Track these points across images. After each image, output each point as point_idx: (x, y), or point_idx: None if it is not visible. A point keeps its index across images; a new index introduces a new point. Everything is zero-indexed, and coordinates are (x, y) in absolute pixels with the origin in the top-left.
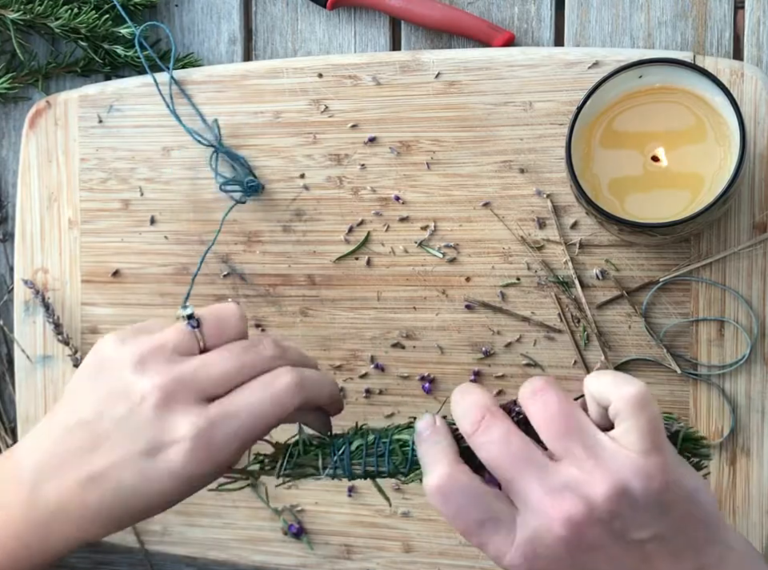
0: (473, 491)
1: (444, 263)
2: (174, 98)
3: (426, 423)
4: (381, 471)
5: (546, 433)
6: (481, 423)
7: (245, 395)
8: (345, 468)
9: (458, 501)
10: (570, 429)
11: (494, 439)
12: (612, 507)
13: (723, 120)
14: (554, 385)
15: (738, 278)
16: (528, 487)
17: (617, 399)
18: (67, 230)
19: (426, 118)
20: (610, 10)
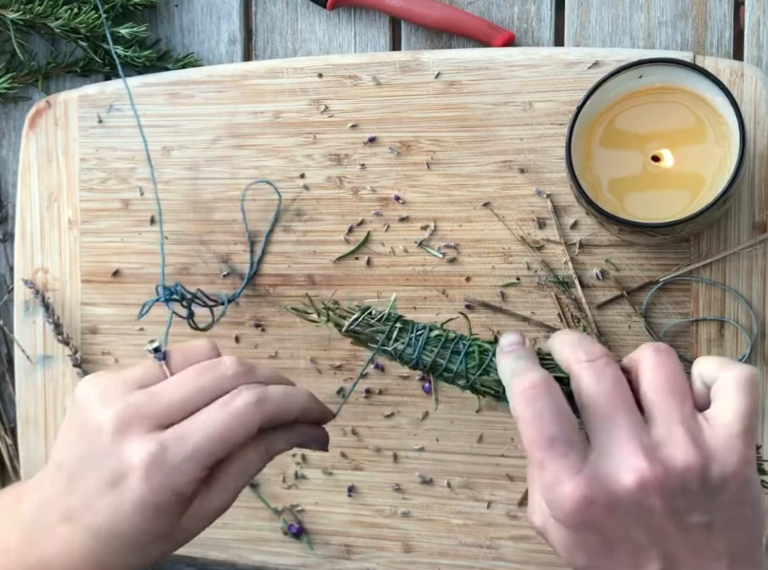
0: (560, 405)
1: (444, 263)
2: (174, 99)
3: (514, 338)
4: (449, 368)
5: (650, 383)
6: (601, 358)
7: (201, 417)
8: (416, 349)
9: (543, 408)
10: (677, 392)
11: (607, 375)
12: (686, 481)
13: (723, 120)
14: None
15: (737, 278)
16: (617, 432)
17: (725, 375)
18: (67, 230)
19: (425, 118)
20: (609, 10)
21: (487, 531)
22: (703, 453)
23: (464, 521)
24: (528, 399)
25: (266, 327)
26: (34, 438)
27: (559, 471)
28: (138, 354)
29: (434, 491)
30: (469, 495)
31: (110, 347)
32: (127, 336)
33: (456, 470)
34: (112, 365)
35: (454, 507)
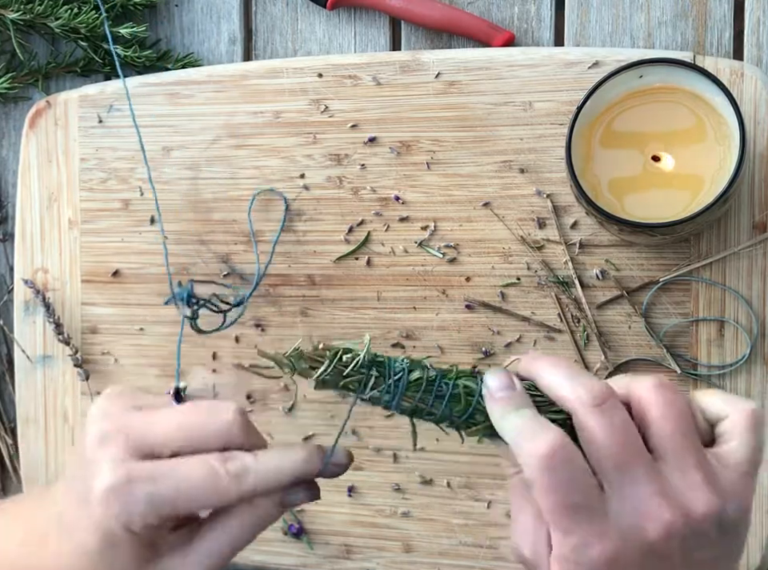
0: (580, 469)
1: (444, 263)
2: (174, 99)
3: (503, 381)
4: (432, 413)
5: (663, 429)
6: (608, 402)
7: (179, 465)
8: (395, 396)
9: (563, 475)
10: (688, 433)
11: (618, 421)
12: (703, 525)
13: (723, 120)
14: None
15: (737, 278)
16: (634, 482)
17: (735, 413)
18: (67, 230)
19: (425, 118)
20: (609, 9)
21: (487, 531)
22: (720, 496)
23: (464, 521)
24: (547, 468)
25: (266, 327)
26: (33, 438)
27: (586, 536)
28: (137, 354)
29: (434, 491)
30: (469, 495)
31: (110, 347)
32: (127, 336)
33: (456, 470)
34: (112, 365)
35: (454, 507)
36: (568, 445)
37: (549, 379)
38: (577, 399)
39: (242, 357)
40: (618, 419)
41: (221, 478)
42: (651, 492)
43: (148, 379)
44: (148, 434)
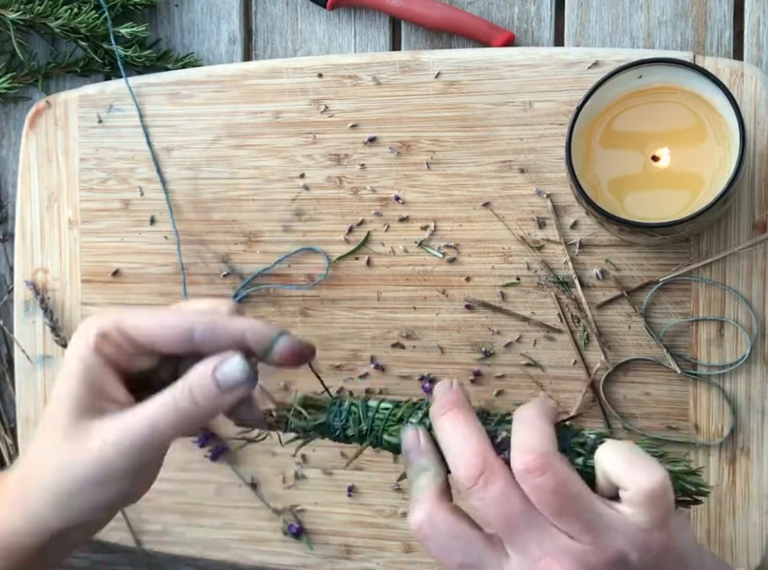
0: (456, 534)
1: (444, 263)
2: (174, 99)
3: (412, 440)
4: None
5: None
6: (479, 479)
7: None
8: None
9: (438, 542)
10: (567, 510)
11: (493, 497)
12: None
13: (723, 120)
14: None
15: (737, 278)
16: (525, 547)
17: (632, 490)
18: (67, 230)
19: (426, 118)
20: (609, 9)
21: None
22: (619, 547)
23: None
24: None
25: None
26: (34, 438)
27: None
28: None
29: None
30: None
31: None
32: None
33: None
34: None
35: None
36: (438, 513)
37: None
38: (457, 479)
39: None
40: (491, 496)
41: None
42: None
43: None
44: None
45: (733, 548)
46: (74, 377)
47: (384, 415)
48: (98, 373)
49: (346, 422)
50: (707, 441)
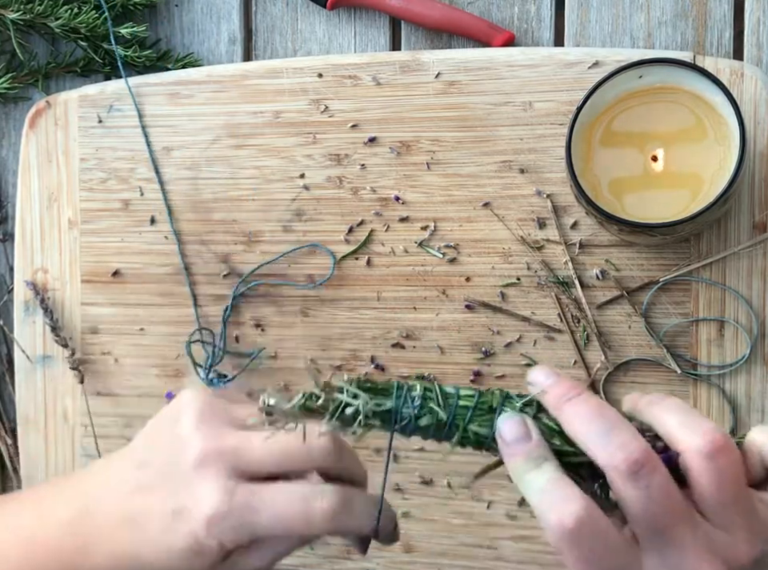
0: (609, 539)
1: (444, 263)
2: (174, 99)
3: (517, 431)
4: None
5: (713, 501)
6: (644, 467)
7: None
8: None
9: (589, 548)
10: (738, 500)
11: (656, 490)
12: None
13: (723, 120)
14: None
15: (737, 278)
16: (671, 544)
17: None
18: (67, 230)
19: (426, 118)
20: (609, 9)
21: (487, 532)
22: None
23: (464, 521)
24: (573, 542)
25: (266, 327)
26: (33, 438)
27: None
28: (137, 354)
29: (434, 491)
30: (469, 495)
31: (110, 347)
32: (127, 336)
33: (456, 470)
34: (112, 365)
35: (454, 507)
36: (593, 514)
37: (580, 431)
38: (612, 468)
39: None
40: (656, 485)
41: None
42: (691, 554)
43: (148, 379)
44: (246, 456)
45: None
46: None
47: (469, 403)
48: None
49: (420, 409)
50: None
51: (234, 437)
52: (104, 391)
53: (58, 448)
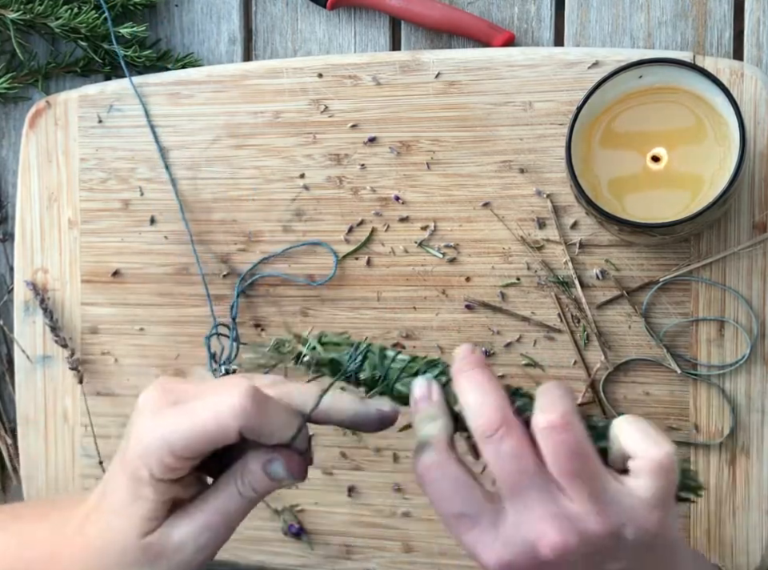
0: (461, 482)
1: (444, 263)
2: (174, 99)
3: (422, 391)
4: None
5: (555, 468)
6: (498, 431)
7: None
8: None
9: (441, 488)
10: (581, 473)
11: (506, 451)
12: (602, 544)
13: (723, 120)
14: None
15: (737, 278)
16: (526, 506)
17: (641, 458)
18: (67, 230)
19: (426, 118)
20: (609, 9)
21: None
22: (618, 520)
23: None
24: (426, 481)
25: (266, 327)
26: (33, 438)
27: (474, 542)
28: (137, 354)
29: None
30: None
31: (110, 347)
32: (127, 336)
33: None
34: (112, 365)
35: None
36: (444, 461)
37: (462, 399)
38: (475, 428)
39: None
40: (508, 447)
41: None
42: (542, 515)
43: (148, 379)
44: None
45: (733, 548)
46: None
47: (400, 366)
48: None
49: (360, 365)
50: (707, 441)
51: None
52: (104, 391)
53: (58, 448)
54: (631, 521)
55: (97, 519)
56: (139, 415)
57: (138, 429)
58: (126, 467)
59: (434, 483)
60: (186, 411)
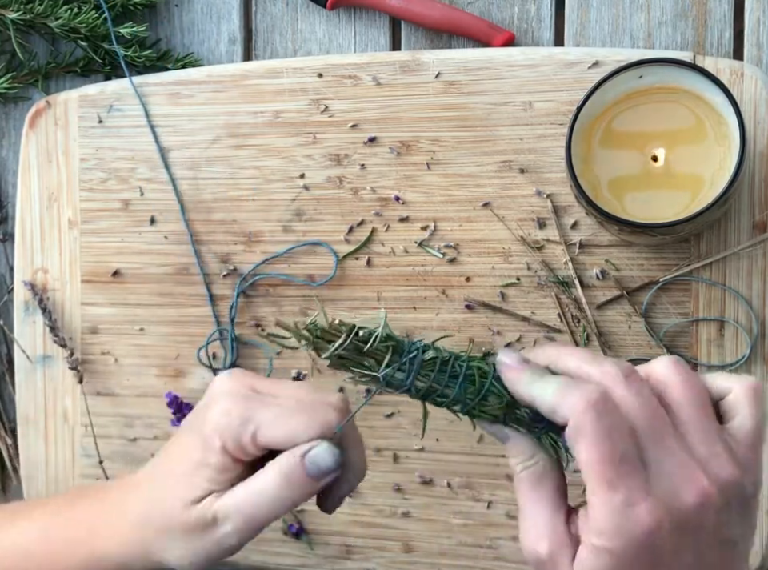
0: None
1: (444, 263)
2: (174, 99)
3: (518, 357)
4: (445, 395)
5: (685, 405)
6: (632, 375)
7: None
8: (409, 375)
9: (612, 422)
10: (707, 408)
11: (644, 392)
12: (730, 495)
13: (723, 120)
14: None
15: (738, 278)
16: (667, 451)
17: (740, 388)
18: (67, 230)
19: (426, 118)
20: (609, 9)
21: (487, 532)
22: (740, 467)
23: (464, 521)
24: (597, 414)
25: (266, 327)
26: (33, 438)
27: (632, 490)
28: (137, 354)
29: (434, 491)
30: (469, 495)
31: (110, 347)
32: (127, 336)
33: (456, 470)
34: (112, 365)
35: (454, 507)
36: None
37: (570, 360)
38: (605, 374)
39: (242, 356)
40: (647, 391)
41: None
42: (685, 460)
43: (148, 379)
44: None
45: None
46: (202, 466)
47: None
48: (227, 472)
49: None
50: None
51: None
52: (104, 391)
53: (58, 448)
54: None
55: (144, 490)
56: (226, 396)
57: (225, 406)
58: (198, 437)
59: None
60: (283, 413)
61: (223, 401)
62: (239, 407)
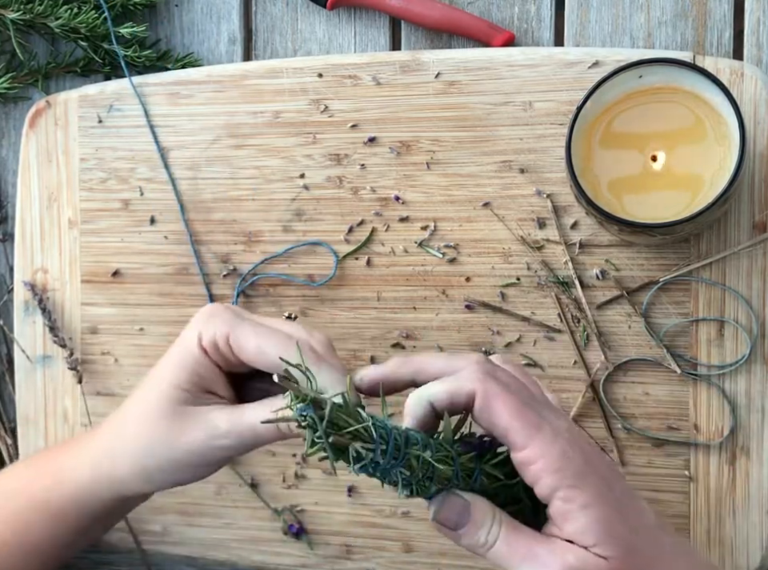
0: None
1: (444, 263)
2: (174, 99)
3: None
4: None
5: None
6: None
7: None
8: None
9: (507, 379)
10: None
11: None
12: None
13: (723, 120)
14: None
15: (738, 278)
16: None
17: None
18: (67, 230)
19: (425, 118)
20: (609, 9)
21: None
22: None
23: None
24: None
25: None
26: (33, 438)
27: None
28: (137, 354)
29: None
30: None
31: (110, 347)
32: (127, 336)
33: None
34: (112, 365)
35: None
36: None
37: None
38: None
39: None
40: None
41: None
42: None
43: None
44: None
45: (733, 548)
46: (182, 369)
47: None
48: (205, 370)
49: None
50: (707, 441)
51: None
52: (104, 391)
53: None
54: None
55: (129, 403)
56: (209, 309)
57: (206, 312)
58: (179, 343)
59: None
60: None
61: (206, 310)
62: (221, 316)
